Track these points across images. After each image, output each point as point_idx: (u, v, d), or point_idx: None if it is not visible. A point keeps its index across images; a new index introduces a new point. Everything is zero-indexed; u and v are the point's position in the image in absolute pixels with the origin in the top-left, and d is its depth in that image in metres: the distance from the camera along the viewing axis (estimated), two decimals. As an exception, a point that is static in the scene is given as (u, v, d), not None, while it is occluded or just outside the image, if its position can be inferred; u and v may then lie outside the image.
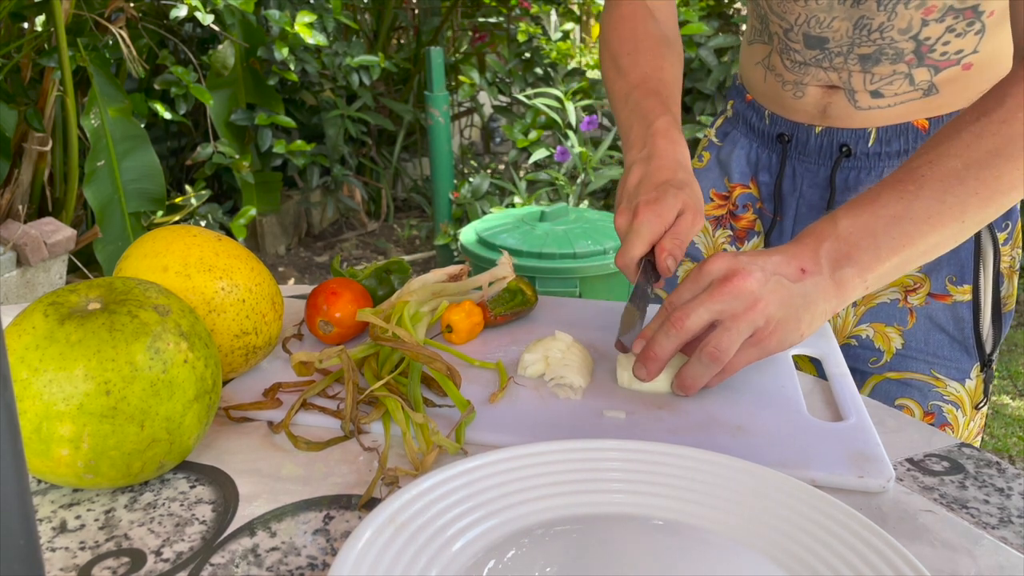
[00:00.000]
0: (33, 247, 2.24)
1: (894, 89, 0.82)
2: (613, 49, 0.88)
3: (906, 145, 0.83)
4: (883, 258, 0.62)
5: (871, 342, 0.88)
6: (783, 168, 0.90)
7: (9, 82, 2.42)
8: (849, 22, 0.80)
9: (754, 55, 0.93)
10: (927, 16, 0.77)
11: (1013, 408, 2.53)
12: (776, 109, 0.91)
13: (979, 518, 0.54)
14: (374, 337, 0.66)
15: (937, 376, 0.86)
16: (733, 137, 0.97)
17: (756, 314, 0.61)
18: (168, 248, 0.65)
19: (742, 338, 0.62)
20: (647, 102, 0.81)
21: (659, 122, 0.78)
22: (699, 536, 0.49)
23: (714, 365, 0.62)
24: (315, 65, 3.30)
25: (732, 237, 0.97)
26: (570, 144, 3.38)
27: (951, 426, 0.86)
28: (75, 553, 0.49)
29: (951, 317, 0.85)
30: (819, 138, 0.87)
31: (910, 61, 0.80)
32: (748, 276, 0.61)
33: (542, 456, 0.53)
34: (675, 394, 0.67)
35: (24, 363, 0.50)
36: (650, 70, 0.84)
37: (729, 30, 3.25)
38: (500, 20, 4.36)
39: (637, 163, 0.76)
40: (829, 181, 0.87)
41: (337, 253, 3.69)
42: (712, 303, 0.61)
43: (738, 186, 0.96)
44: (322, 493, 0.55)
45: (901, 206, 0.62)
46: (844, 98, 0.84)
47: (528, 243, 2.17)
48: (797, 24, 0.83)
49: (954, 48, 0.78)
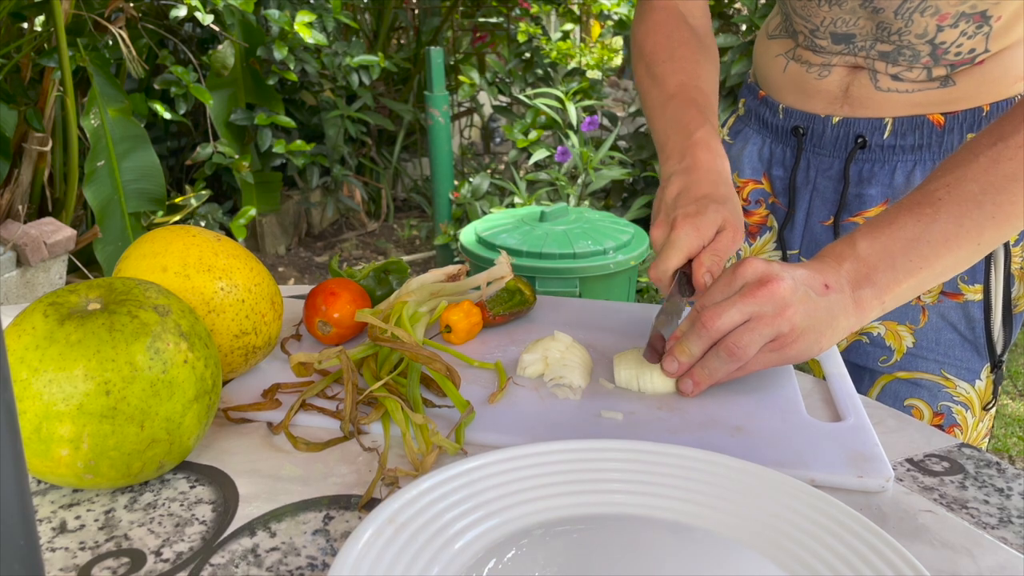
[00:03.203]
0: (33, 247, 2.24)
1: (913, 76, 0.82)
2: (648, 56, 0.87)
3: (921, 140, 0.83)
4: (900, 280, 0.63)
5: (882, 339, 0.88)
6: (798, 162, 0.90)
7: (9, 82, 2.41)
8: (872, 22, 0.81)
9: (774, 48, 0.93)
10: (941, 23, 0.77)
11: (1013, 408, 2.53)
12: (792, 101, 0.90)
13: (979, 518, 0.54)
14: (373, 337, 0.66)
15: (947, 376, 0.86)
16: (745, 134, 0.97)
17: (783, 320, 0.61)
18: (167, 248, 0.65)
19: (764, 340, 0.62)
20: (685, 112, 0.79)
21: (699, 133, 0.77)
22: (699, 536, 0.49)
23: (732, 361, 0.63)
24: (315, 65, 3.30)
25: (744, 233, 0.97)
26: (571, 144, 3.38)
27: (960, 427, 0.86)
28: (75, 553, 0.49)
29: (963, 316, 0.85)
30: (835, 129, 0.87)
31: (926, 63, 0.81)
32: (781, 282, 0.62)
33: (542, 456, 0.53)
34: (679, 394, 0.67)
35: (24, 363, 0.50)
36: (687, 78, 0.83)
37: (729, 30, 3.24)
38: (500, 20, 4.36)
39: (676, 174, 0.75)
40: (843, 173, 0.86)
41: (337, 253, 3.69)
42: (744, 305, 0.62)
43: (749, 182, 0.96)
44: (322, 493, 0.55)
45: (919, 229, 0.63)
46: (867, 78, 0.84)
47: (528, 243, 2.17)
48: (823, 25, 0.84)
49: (967, 48, 0.79)
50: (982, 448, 0.73)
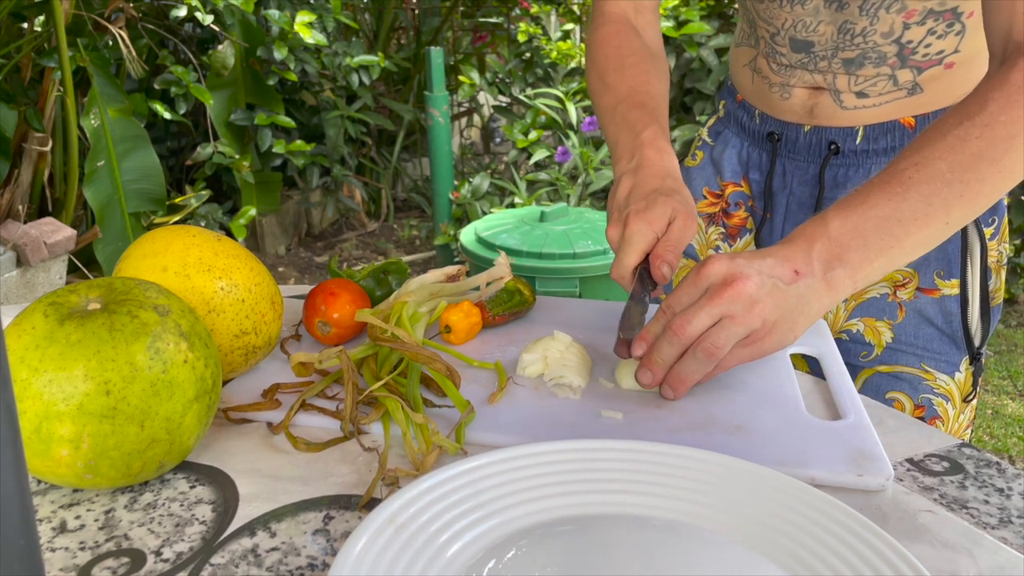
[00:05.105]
0: (33, 247, 2.24)
1: (878, 89, 0.83)
2: (600, 66, 0.90)
3: (893, 142, 0.84)
4: (871, 259, 0.64)
5: (862, 336, 0.89)
6: (773, 166, 0.91)
7: (9, 82, 2.42)
8: (834, 26, 0.81)
9: (741, 57, 0.95)
10: (908, 20, 0.78)
11: (1013, 408, 2.53)
12: (765, 109, 0.92)
13: (979, 518, 0.54)
14: (373, 338, 0.66)
15: (927, 369, 0.87)
16: (725, 136, 0.98)
17: (753, 317, 0.62)
18: (167, 248, 0.65)
19: (737, 338, 0.62)
20: (634, 114, 0.82)
21: (646, 133, 0.79)
22: (699, 536, 0.49)
23: (708, 362, 0.63)
24: (315, 65, 3.30)
25: (724, 234, 0.99)
26: (571, 144, 3.38)
27: (941, 419, 0.87)
28: (75, 553, 0.49)
29: (940, 311, 0.86)
30: (808, 136, 0.88)
31: (893, 64, 0.81)
32: (747, 280, 0.62)
33: (542, 456, 0.54)
34: (663, 397, 0.66)
35: (24, 363, 0.50)
36: (636, 84, 0.86)
37: (729, 30, 3.25)
38: (500, 20, 4.36)
39: (626, 174, 0.78)
40: (818, 178, 0.88)
41: (337, 253, 3.69)
42: (712, 308, 0.62)
43: (730, 184, 0.97)
44: (322, 493, 0.55)
45: (890, 208, 0.63)
46: (830, 99, 0.86)
47: (528, 243, 2.17)
48: (783, 28, 0.84)
49: (935, 49, 0.80)
50: (966, 439, 0.73)
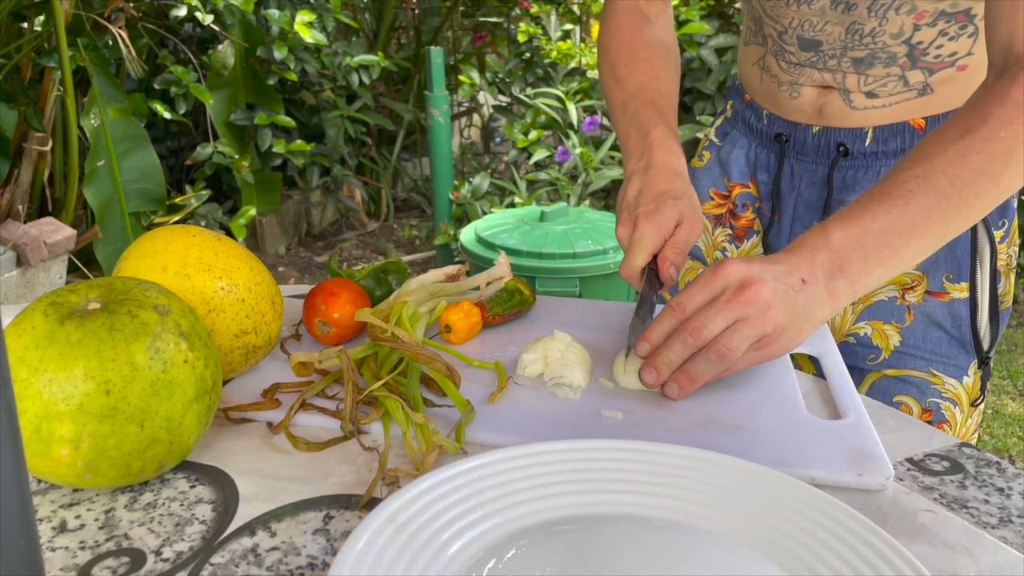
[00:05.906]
0: (33, 247, 2.24)
1: (888, 90, 0.82)
2: (611, 58, 0.90)
3: (903, 144, 0.83)
4: (871, 269, 0.65)
5: (869, 340, 0.88)
6: (781, 167, 0.91)
7: (9, 82, 2.41)
8: (841, 27, 0.80)
9: (750, 56, 0.94)
10: (919, 21, 0.77)
11: (1013, 408, 2.53)
12: (773, 109, 0.91)
13: (979, 518, 0.54)
14: (373, 337, 0.66)
15: (935, 373, 0.86)
16: (732, 137, 0.97)
17: (766, 321, 0.63)
18: (167, 248, 0.65)
19: (750, 340, 0.63)
20: (644, 112, 0.83)
21: (655, 133, 0.80)
22: (699, 536, 0.49)
23: (721, 363, 0.64)
24: (315, 65, 3.30)
25: (731, 236, 0.98)
26: (571, 144, 3.37)
27: (949, 423, 0.86)
28: (75, 553, 0.49)
29: (948, 315, 0.85)
30: (816, 138, 0.87)
31: (903, 64, 0.80)
32: (764, 284, 0.63)
33: (542, 456, 0.54)
34: (666, 396, 0.66)
35: (24, 363, 0.50)
36: (647, 80, 0.86)
37: (729, 30, 3.25)
38: (500, 20, 4.36)
39: (636, 174, 0.79)
40: (827, 180, 0.87)
41: (337, 253, 3.69)
42: (729, 311, 0.63)
43: (737, 185, 0.96)
44: (322, 493, 0.55)
45: (890, 220, 0.64)
46: (839, 98, 0.85)
47: (528, 243, 2.17)
48: (791, 27, 0.84)
49: (948, 51, 0.79)
50: (972, 443, 0.73)
